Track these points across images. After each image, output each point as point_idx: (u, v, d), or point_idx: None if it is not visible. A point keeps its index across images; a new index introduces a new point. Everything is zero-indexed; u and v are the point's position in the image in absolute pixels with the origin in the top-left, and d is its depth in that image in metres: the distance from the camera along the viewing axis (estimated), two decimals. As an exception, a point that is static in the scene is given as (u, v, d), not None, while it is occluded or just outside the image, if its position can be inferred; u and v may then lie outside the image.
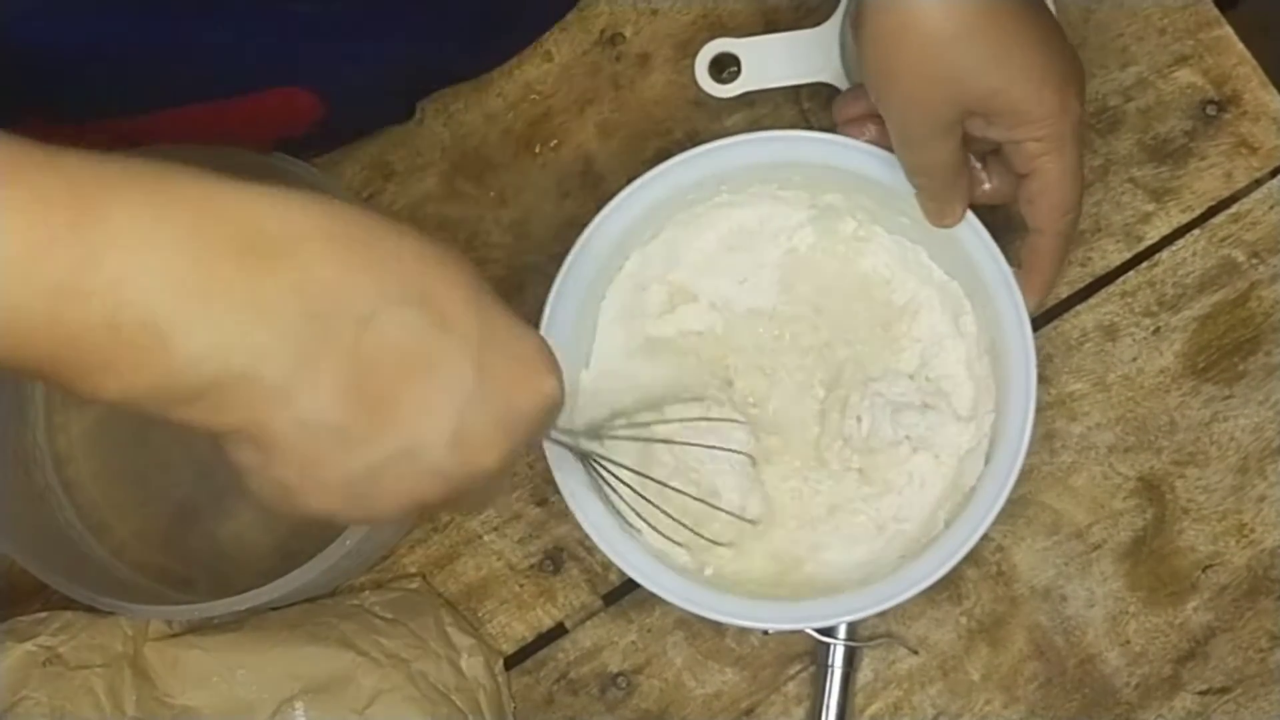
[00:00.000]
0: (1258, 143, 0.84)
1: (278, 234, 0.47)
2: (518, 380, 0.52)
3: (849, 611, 0.74)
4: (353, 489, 0.51)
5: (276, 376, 0.47)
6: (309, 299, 0.47)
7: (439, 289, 0.50)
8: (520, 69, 0.87)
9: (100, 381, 0.46)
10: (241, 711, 0.76)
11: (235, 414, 0.48)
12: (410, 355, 0.49)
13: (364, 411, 0.49)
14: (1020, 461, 0.72)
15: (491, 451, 0.52)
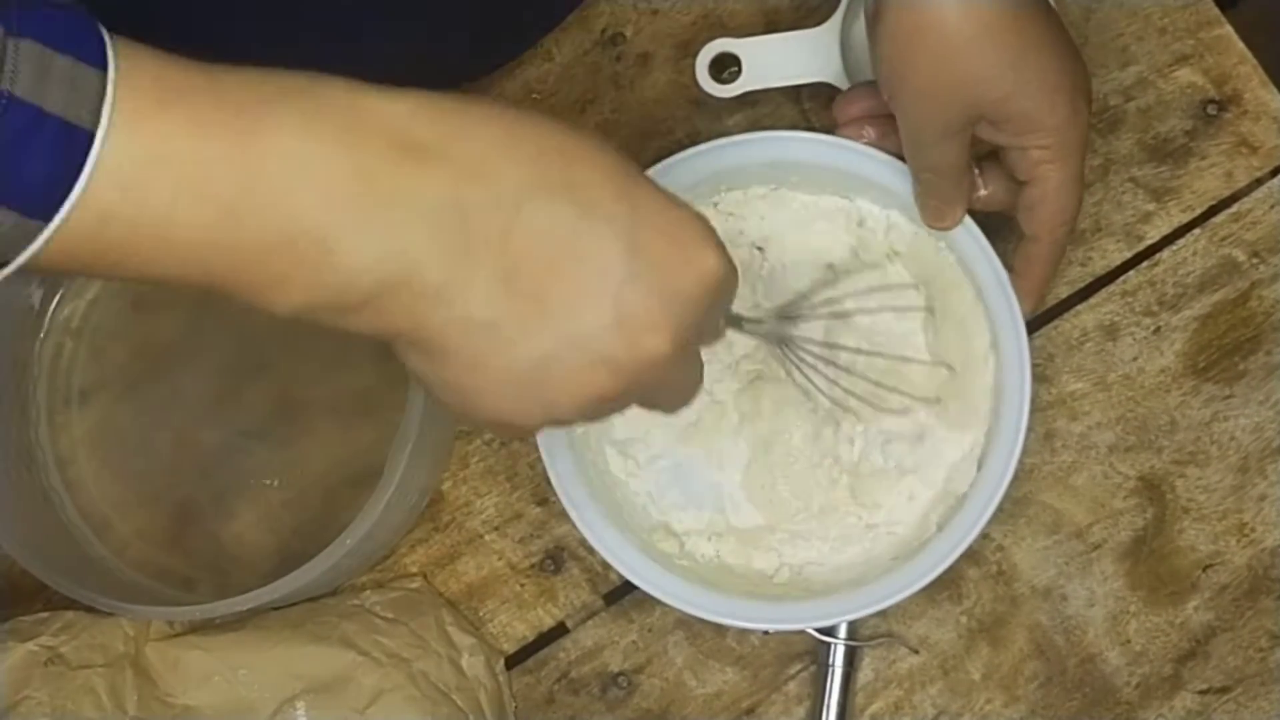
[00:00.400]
0: (1258, 142, 0.84)
1: (425, 137, 0.48)
2: (674, 258, 0.51)
3: (848, 611, 0.74)
4: (522, 385, 0.51)
5: (433, 278, 0.48)
6: (459, 199, 0.48)
7: (584, 176, 0.50)
8: (521, 69, 0.87)
9: (275, 294, 0.48)
10: (243, 711, 0.76)
11: (399, 318, 0.49)
12: (560, 244, 0.49)
13: (519, 305, 0.49)
14: (1014, 463, 0.73)
15: (658, 333, 0.51)
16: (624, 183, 0.51)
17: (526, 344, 0.50)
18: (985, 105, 0.67)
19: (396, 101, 0.48)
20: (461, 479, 0.84)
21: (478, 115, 0.50)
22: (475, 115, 0.50)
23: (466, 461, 0.84)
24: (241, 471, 0.83)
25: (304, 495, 0.83)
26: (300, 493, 0.83)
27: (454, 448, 0.84)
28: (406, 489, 0.77)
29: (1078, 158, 0.70)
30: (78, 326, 0.85)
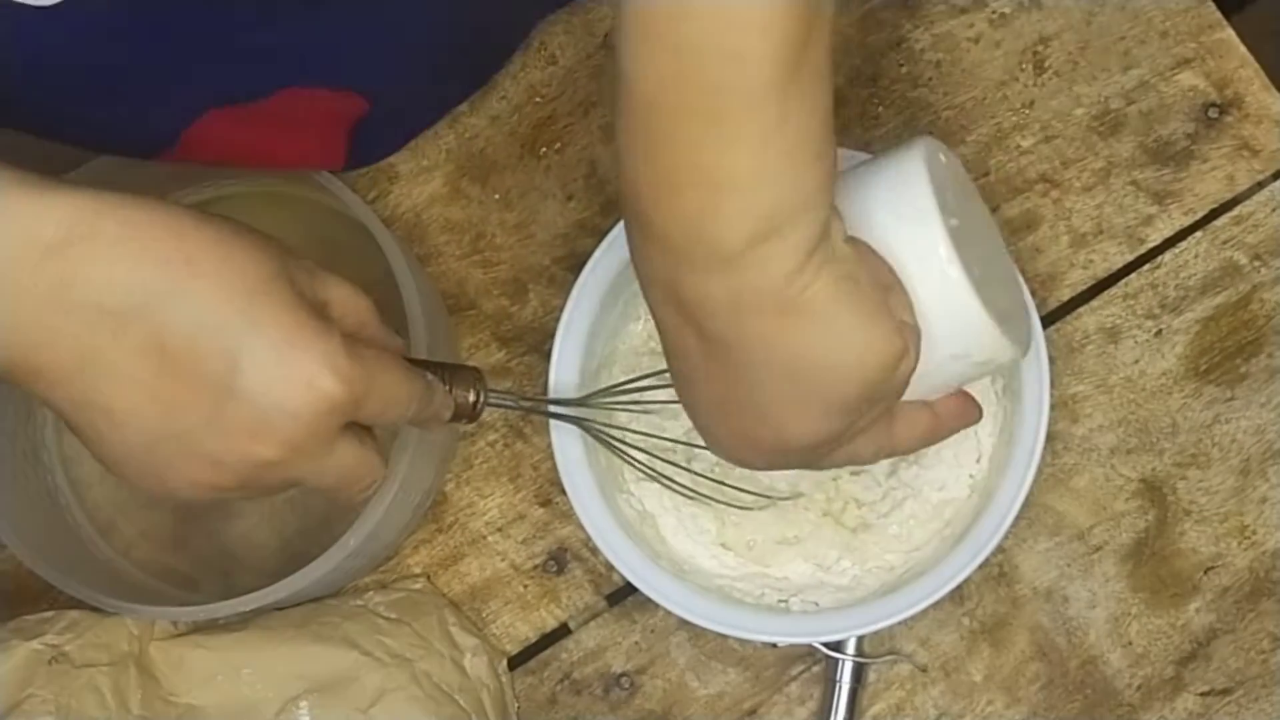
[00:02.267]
0: (1259, 145, 0.84)
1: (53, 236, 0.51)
2: (281, 377, 0.54)
3: (857, 626, 0.74)
4: (140, 464, 0.55)
5: (50, 364, 0.52)
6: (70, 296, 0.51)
7: (202, 286, 0.53)
8: (524, 72, 0.87)
9: None
10: (246, 711, 0.76)
11: (34, 391, 0.54)
12: (170, 347, 0.53)
13: (129, 396, 0.53)
14: (1028, 484, 0.73)
15: (260, 443, 0.54)
16: (247, 297, 0.54)
17: (135, 431, 0.54)
18: None
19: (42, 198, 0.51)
20: (465, 480, 0.84)
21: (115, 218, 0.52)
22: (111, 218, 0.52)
23: (470, 462, 0.84)
24: (246, 472, 0.83)
25: (307, 496, 0.83)
26: (304, 493, 0.83)
27: (457, 449, 0.84)
28: (410, 490, 0.77)
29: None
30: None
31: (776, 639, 0.76)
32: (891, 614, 0.73)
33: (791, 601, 0.76)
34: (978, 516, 0.74)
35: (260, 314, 0.54)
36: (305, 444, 0.55)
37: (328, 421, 0.55)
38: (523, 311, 0.85)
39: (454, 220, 0.86)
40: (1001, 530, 0.72)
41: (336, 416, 0.56)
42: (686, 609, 0.74)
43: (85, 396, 0.53)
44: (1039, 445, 0.73)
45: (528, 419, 0.84)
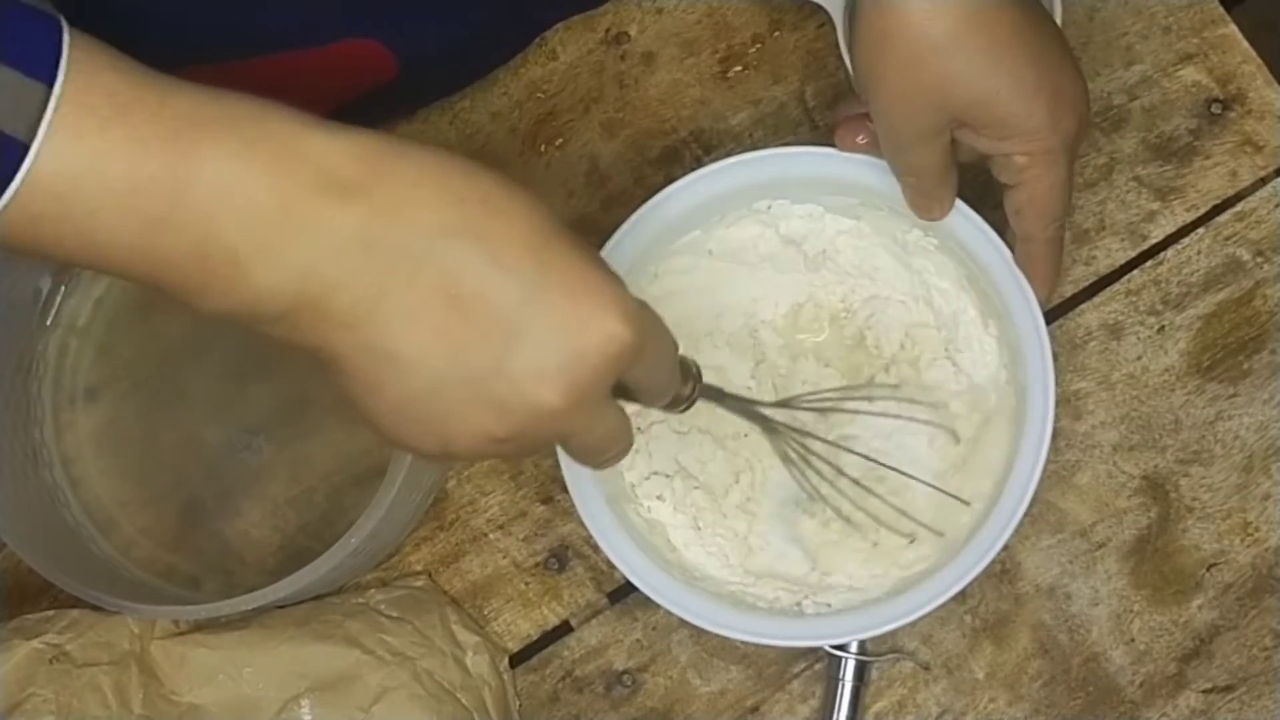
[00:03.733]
0: (1262, 141, 0.84)
1: (351, 175, 0.50)
2: (573, 318, 0.53)
3: (862, 629, 0.74)
4: (417, 414, 0.54)
5: (342, 306, 0.51)
6: (371, 234, 0.50)
7: (499, 227, 0.52)
8: (526, 68, 0.87)
9: (194, 301, 0.51)
10: (248, 709, 0.76)
11: (309, 335, 0.52)
12: (464, 288, 0.51)
13: (419, 339, 0.52)
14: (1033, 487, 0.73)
15: (545, 386, 0.53)
16: (538, 239, 0.53)
17: (421, 376, 0.52)
18: (957, 109, 0.67)
19: (333, 139, 0.51)
20: (466, 478, 0.84)
21: (409, 159, 0.52)
22: (407, 159, 0.52)
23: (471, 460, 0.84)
24: (247, 470, 0.83)
25: (309, 494, 0.83)
26: (305, 491, 0.83)
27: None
28: (411, 488, 0.77)
29: (1062, 162, 0.69)
30: (84, 325, 0.85)
31: (783, 643, 0.76)
32: (899, 616, 0.73)
33: (804, 604, 0.76)
34: (984, 517, 0.73)
35: (552, 255, 0.53)
36: (588, 391, 0.54)
37: (612, 368, 0.54)
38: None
39: (455, 217, 0.86)
40: (1008, 531, 0.72)
41: (620, 364, 0.54)
42: (695, 614, 0.74)
43: (373, 340, 0.52)
44: (1044, 448, 0.73)
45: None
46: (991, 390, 0.78)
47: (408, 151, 0.52)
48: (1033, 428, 0.73)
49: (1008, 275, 0.74)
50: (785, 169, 0.76)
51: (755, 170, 0.76)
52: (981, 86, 0.66)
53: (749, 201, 0.78)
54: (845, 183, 0.76)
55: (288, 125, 0.51)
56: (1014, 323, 0.74)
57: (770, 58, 0.86)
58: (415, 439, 0.55)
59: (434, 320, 0.52)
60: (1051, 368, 0.73)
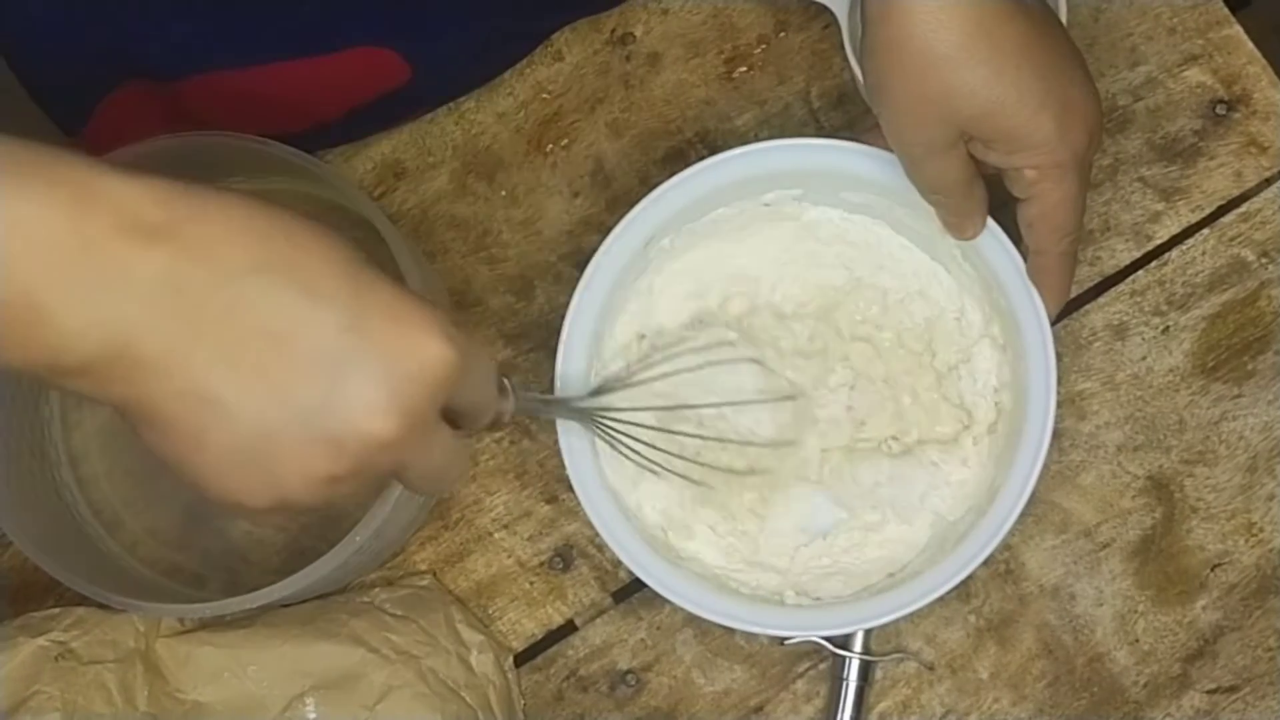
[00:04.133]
0: (1267, 142, 0.84)
1: (154, 218, 0.49)
2: (396, 342, 0.52)
3: (864, 619, 0.74)
4: (246, 461, 0.51)
5: (150, 350, 0.49)
6: (180, 277, 0.49)
7: (308, 260, 0.51)
8: (531, 68, 0.87)
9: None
10: (253, 707, 0.76)
11: (119, 387, 0.50)
12: (281, 323, 0.50)
13: (241, 380, 0.50)
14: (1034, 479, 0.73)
15: (380, 416, 0.52)
16: (349, 268, 0.52)
17: (247, 419, 0.50)
18: (964, 121, 0.66)
19: (132, 183, 0.49)
20: (471, 477, 0.84)
21: (211, 201, 0.50)
22: (209, 201, 0.50)
23: (476, 459, 0.84)
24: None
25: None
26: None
27: (463, 446, 0.84)
28: (416, 486, 0.77)
29: (1073, 176, 0.69)
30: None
31: (782, 632, 0.76)
32: (897, 608, 0.73)
33: (802, 598, 0.76)
34: (983, 512, 0.73)
35: (366, 285, 0.52)
36: (420, 416, 0.53)
37: (440, 389, 0.53)
38: (529, 308, 0.85)
39: (460, 217, 0.86)
40: (1006, 526, 0.72)
41: (448, 384, 0.54)
42: (697, 604, 0.74)
43: (191, 387, 0.50)
44: (1045, 439, 0.73)
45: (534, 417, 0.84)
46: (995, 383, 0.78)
47: (208, 194, 0.51)
48: (1034, 424, 0.73)
49: (1012, 272, 0.74)
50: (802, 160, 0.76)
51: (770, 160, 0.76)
52: (985, 98, 0.65)
53: (760, 193, 0.78)
54: (864, 178, 0.76)
55: (86, 169, 0.49)
56: (1019, 326, 0.74)
57: (775, 58, 0.86)
58: (245, 491, 0.53)
59: (254, 360, 0.50)
60: (1053, 361, 0.73)
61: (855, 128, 0.85)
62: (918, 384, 0.79)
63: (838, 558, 0.78)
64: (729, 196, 0.77)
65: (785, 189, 0.78)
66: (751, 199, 0.78)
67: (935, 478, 0.78)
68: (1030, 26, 0.66)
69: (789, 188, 0.77)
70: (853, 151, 0.75)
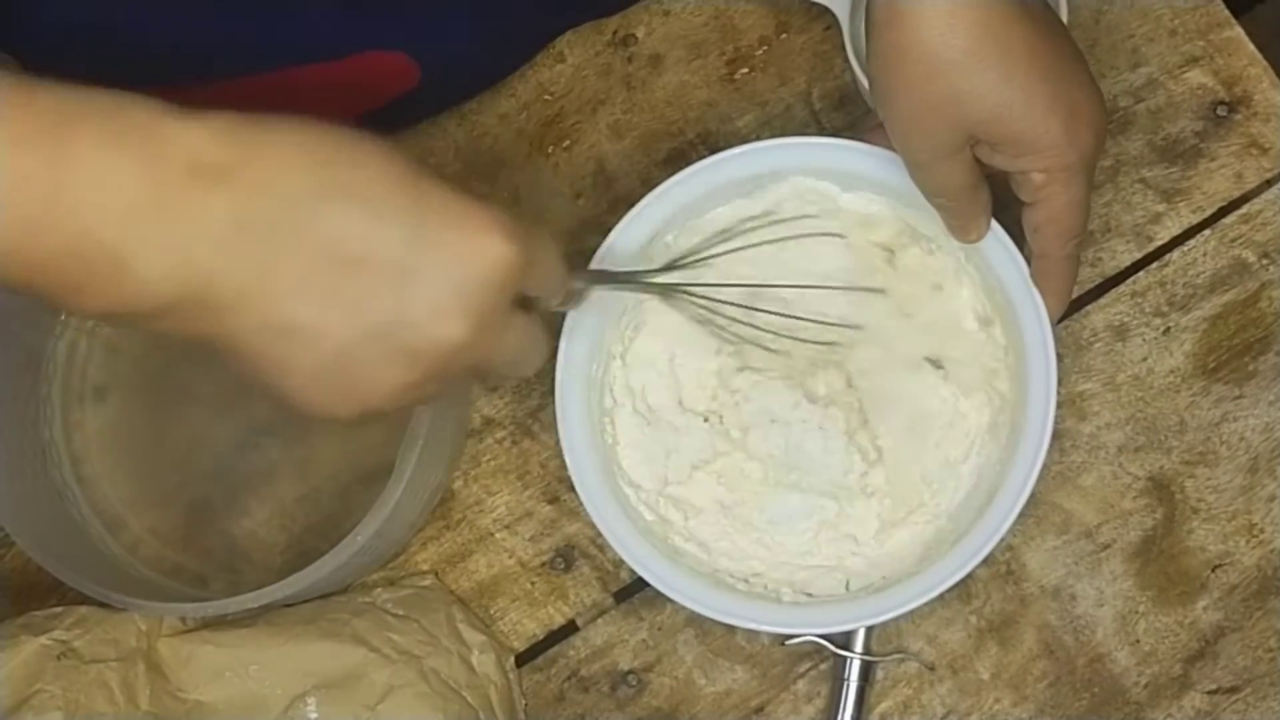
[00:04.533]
0: (1268, 143, 0.84)
1: (218, 159, 0.50)
2: (458, 247, 0.54)
3: (865, 617, 0.74)
4: (329, 381, 0.54)
5: (227, 289, 0.51)
6: (247, 215, 0.51)
7: (368, 178, 0.53)
8: (533, 70, 0.87)
9: (76, 300, 0.51)
10: (254, 707, 0.76)
11: (203, 325, 0.52)
12: (349, 245, 0.52)
13: (315, 306, 0.52)
14: (1033, 480, 0.73)
15: (448, 321, 0.54)
16: (408, 181, 0.54)
17: (325, 342, 0.53)
18: (972, 126, 0.66)
19: (195, 126, 0.51)
20: (473, 477, 0.84)
21: (271, 133, 0.52)
22: (268, 133, 0.52)
23: (478, 460, 0.84)
24: (254, 469, 0.84)
25: (316, 493, 0.83)
26: (312, 490, 0.83)
27: (465, 446, 0.84)
28: (418, 487, 0.77)
29: (1080, 180, 0.69)
30: (93, 324, 0.85)
31: (783, 630, 0.76)
32: (895, 606, 0.73)
33: (799, 595, 0.76)
34: (982, 511, 0.74)
35: (425, 194, 0.54)
36: (489, 314, 0.55)
37: (507, 286, 0.55)
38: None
39: (462, 218, 0.86)
40: (1006, 525, 0.72)
41: (514, 279, 0.55)
42: (698, 601, 0.74)
43: (270, 319, 0.52)
44: (1045, 439, 0.73)
45: (536, 416, 0.84)
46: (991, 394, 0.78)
47: (267, 126, 0.52)
48: (1034, 423, 0.73)
49: (1014, 273, 0.74)
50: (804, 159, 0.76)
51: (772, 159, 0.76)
52: (994, 103, 0.65)
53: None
54: (866, 177, 0.76)
55: (148, 115, 0.50)
56: (1021, 328, 0.74)
57: (777, 60, 0.87)
58: (333, 406, 0.55)
59: (325, 285, 0.52)
60: (1054, 360, 0.73)
61: (857, 129, 0.85)
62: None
63: (841, 557, 0.78)
64: (729, 195, 0.77)
65: None
66: (748, 198, 0.78)
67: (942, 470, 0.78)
68: (1036, 29, 0.66)
69: None
70: (855, 151, 0.75)
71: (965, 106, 0.66)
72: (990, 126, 0.66)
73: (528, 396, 0.85)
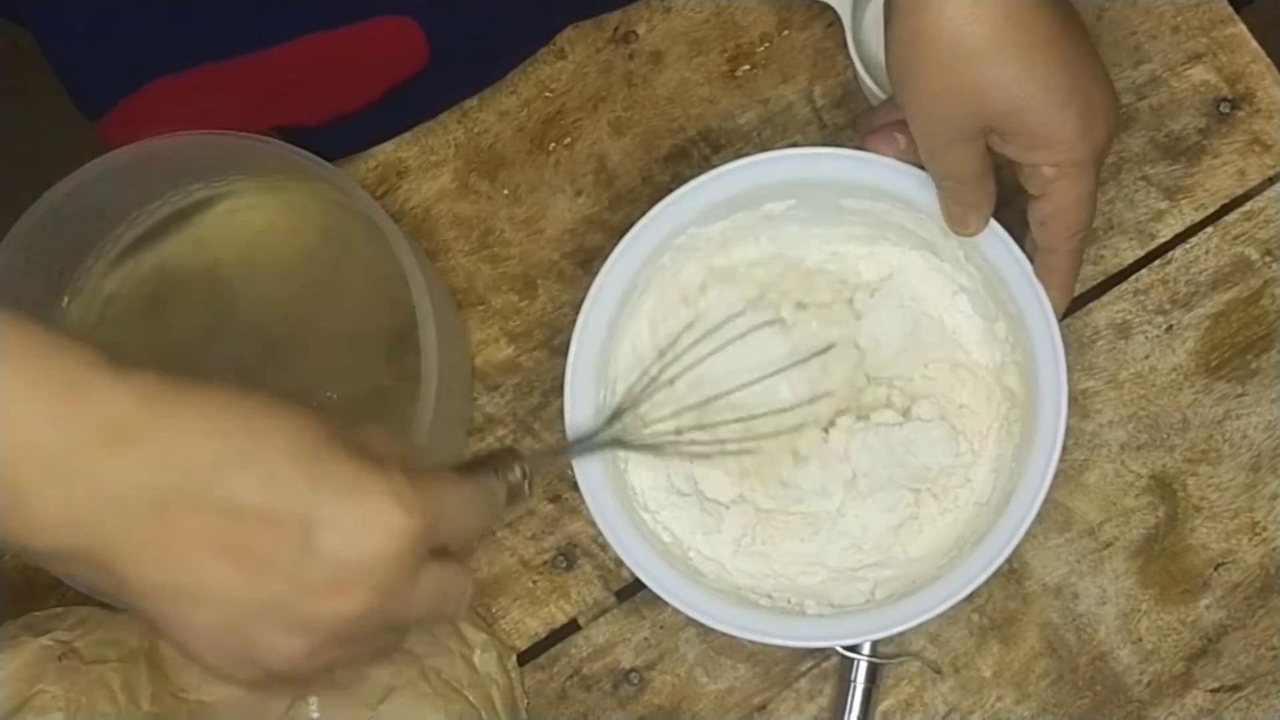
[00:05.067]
0: (1271, 140, 0.84)
1: (134, 421, 0.51)
2: (353, 522, 0.53)
3: (874, 630, 0.74)
4: (229, 644, 0.54)
5: (125, 552, 0.52)
6: (152, 481, 0.51)
7: (268, 451, 0.53)
8: (534, 67, 0.87)
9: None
10: (256, 707, 0.76)
11: (93, 576, 0.53)
12: (244, 515, 0.52)
13: (209, 573, 0.52)
14: (1044, 491, 0.72)
15: (347, 595, 0.53)
16: (307, 455, 0.53)
17: (223, 606, 0.53)
18: (991, 116, 0.66)
19: (120, 386, 0.51)
20: (474, 476, 0.84)
21: (186, 399, 0.52)
22: (184, 399, 0.52)
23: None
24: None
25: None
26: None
27: (467, 444, 0.84)
28: (419, 486, 0.77)
29: (1090, 174, 0.68)
30: (93, 323, 0.85)
31: (793, 643, 0.76)
32: (910, 618, 0.72)
33: (807, 604, 0.76)
34: (994, 520, 0.73)
35: (323, 469, 0.53)
36: (391, 585, 0.54)
37: (409, 558, 0.55)
38: (532, 307, 0.85)
39: (463, 215, 0.86)
40: (1018, 535, 0.72)
41: (417, 550, 0.55)
42: (706, 614, 0.74)
43: (166, 581, 0.52)
44: (1056, 450, 0.72)
45: (537, 415, 0.84)
46: (998, 392, 0.78)
47: (184, 391, 0.52)
48: (1045, 433, 0.73)
49: (1019, 274, 0.74)
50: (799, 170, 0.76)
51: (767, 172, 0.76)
52: (1015, 94, 0.65)
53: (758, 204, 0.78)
54: (863, 185, 0.76)
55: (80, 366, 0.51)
56: (1026, 325, 0.74)
57: (778, 57, 0.86)
58: (232, 668, 0.55)
59: (220, 552, 0.52)
60: (1064, 369, 0.73)
61: (858, 125, 0.85)
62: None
63: (864, 567, 0.77)
64: (727, 210, 0.77)
65: (781, 200, 0.77)
66: (750, 210, 0.78)
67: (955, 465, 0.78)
68: (1055, 19, 0.66)
69: (785, 198, 0.77)
70: (851, 159, 0.75)
71: (986, 96, 0.66)
72: (1008, 118, 0.66)
73: (528, 395, 0.85)
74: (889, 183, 0.74)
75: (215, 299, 0.84)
